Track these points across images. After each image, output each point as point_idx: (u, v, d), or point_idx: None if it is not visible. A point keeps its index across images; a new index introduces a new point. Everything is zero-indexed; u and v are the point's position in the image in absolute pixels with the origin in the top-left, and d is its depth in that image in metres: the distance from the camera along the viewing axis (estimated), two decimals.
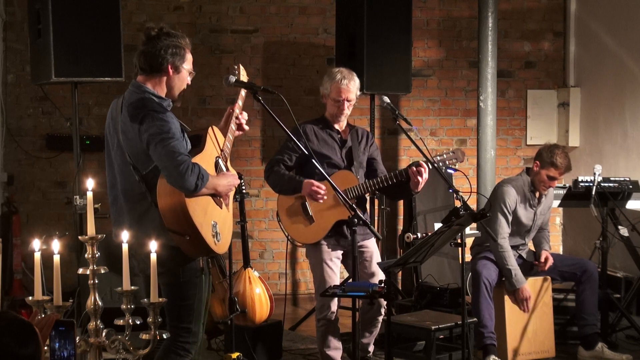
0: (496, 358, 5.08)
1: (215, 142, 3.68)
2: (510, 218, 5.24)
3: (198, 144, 3.59)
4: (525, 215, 5.31)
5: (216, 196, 3.55)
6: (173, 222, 3.38)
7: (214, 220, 3.49)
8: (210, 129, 3.67)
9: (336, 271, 4.69)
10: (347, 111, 4.73)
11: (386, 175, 4.62)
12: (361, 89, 5.04)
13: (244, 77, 4.00)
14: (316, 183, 4.53)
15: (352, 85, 4.68)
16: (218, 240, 3.50)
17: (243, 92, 3.89)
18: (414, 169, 4.49)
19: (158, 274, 3.36)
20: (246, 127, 3.87)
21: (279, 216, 4.75)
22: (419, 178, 4.49)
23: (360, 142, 4.79)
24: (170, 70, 3.51)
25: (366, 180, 4.66)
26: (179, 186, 3.33)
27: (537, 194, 5.33)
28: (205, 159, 3.54)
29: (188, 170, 3.30)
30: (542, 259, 5.37)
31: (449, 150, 4.78)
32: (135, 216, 3.49)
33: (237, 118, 3.81)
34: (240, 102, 3.86)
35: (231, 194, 3.73)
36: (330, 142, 4.73)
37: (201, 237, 3.39)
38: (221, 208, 3.59)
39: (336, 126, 4.77)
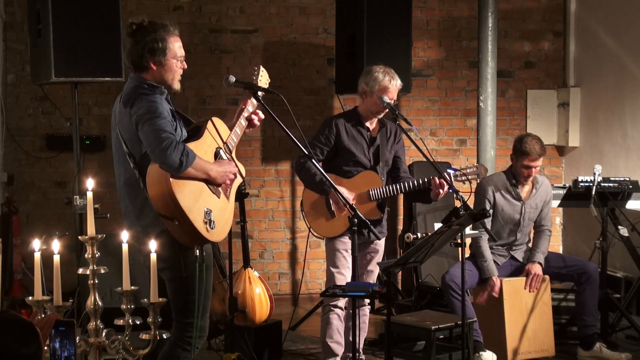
0: (481, 353, 5.04)
1: (217, 134, 3.68)
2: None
3: (197, 134, 3.60)
4: (509, 208, 5.30)
5: (212, 184, 3.52)
6: (161, 205, 3.37)
7: (207, 208, 3.46)
8: (210, 121, 3.67)
9: (349, 261, 4.72)
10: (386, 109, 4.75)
11: (409, 183, 4.68)
12: None
13: (265, 78, 3.99)
14: (346, 193, 4.54)
15: (398, 85, 4.71)
16: (212, 228, 3.46)
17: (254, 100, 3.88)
18: (437, 181, 4.54)
19: (161, 269, 3.38)
20: (257, 123, 3.86)
21: (302, 206, 4.80)
22: (440, 190, 4.55)
23: (388, 139, 4.82)
24: (153, 67, 3.54)
25: (389, 186, 4.70)
26: (162, 162, 3.32)
27: (526, 187, 5.32)
28: (203, 148, 3.54)
29: (171, 147, 3.29)
30: (524, 274, 5.30)
31: (473, 164, 4.82)
32: (138, 204, 3.51)
33: (251, 113, 3.81)
34: (254, 101, 3.85)
35: (235, 185, 3.70)
36: (359, 140, 4.75)
37: (189, 221, 3.36)
38: (219, 197, 3.57)
39: (367, 123, 4.78)
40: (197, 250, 3.49)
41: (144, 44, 3.52)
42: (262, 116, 3.87)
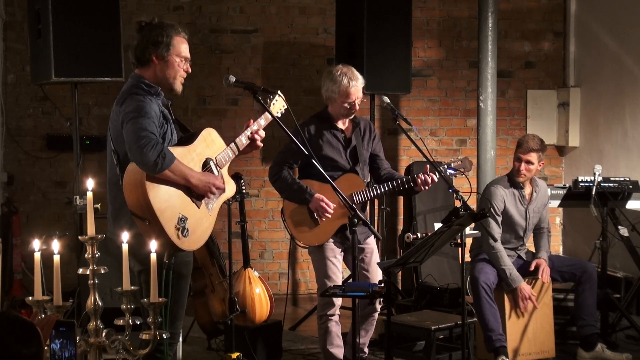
0: (505, 359, 5.06)
1: (212, 144, 3.67)
2: (499, 219, 5.24)
3: (189, 141, 3.60)
4: (517, 212, 5.31)
5: (193, 192, 3.50)
6: (134, 202, 3.36)
7: (183, 214, 3.44)
8: (206, 129, 3.68)
9: (339, 267, 4.70)
10: (357, 108, 4.71)
11: (393, 183, 4.63)
12: None
13: (280, 104, 3.99)
14: (325, 200, 4.52)
15: (359, 85, 4.64)
16: (184, 235, 3.42)
17: (263, 120, 3.87)
18: (421, 179, 4.52)
19: (140, 271, 3.38)
20: (260, 144, 3.84)
21: (284, 215, 4.76)
22: (425, 187, 4.54)
23: (363, 137, 4.77)
24: (156, 60, 3.56)
25: (372, 187, 4.66)
26: (137, 160, 3.32)
27: (528, 192, 5.33)
28: (191, 155, 3.53)
29: (148, 146, 3.29)
30: (532, 268, 5.31)
31: (457, 158, 4.78)
32: (117, 205, 3.52)
33: (252, 133, 3.79)
34: (261, 121, 3.84)
35: (220, 200, 3.67)
36: (335, 144, 4.70)
37: (160, 223, 3.33)
38: (199, 207, 3.55)
39: (340, 124, 4.74)
40: (166, 258, 3.43)
41: (149, 37, 3.57)
42: (263, 134, 3.86)
